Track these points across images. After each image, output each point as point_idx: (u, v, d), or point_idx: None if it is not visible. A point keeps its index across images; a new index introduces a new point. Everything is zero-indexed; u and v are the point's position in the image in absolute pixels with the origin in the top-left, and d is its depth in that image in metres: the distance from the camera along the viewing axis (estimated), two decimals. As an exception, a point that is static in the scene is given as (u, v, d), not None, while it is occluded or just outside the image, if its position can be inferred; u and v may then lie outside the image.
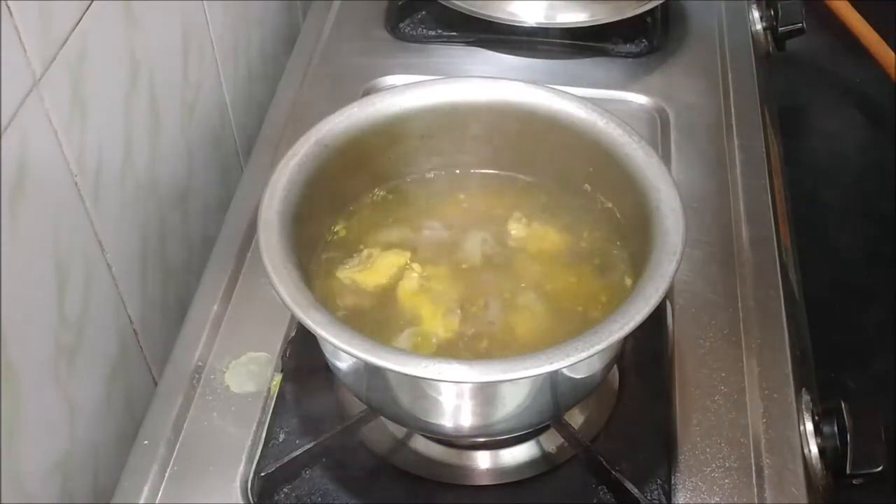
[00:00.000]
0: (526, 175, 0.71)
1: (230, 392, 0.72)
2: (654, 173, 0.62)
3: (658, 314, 0.76)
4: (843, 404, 0.69)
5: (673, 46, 1.01)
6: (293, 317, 0.76)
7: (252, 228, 0.83)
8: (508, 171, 0.71)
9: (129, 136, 0.76)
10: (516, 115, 0.67)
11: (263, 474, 0.66)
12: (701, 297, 0.77)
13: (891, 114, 1.16)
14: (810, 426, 0.69)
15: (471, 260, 0.66)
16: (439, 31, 1.02)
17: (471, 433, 0.65)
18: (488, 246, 0.67)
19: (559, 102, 0.66)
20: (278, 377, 0.73)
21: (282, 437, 0.69)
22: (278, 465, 0.66)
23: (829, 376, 0.95)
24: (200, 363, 0.74)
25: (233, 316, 0.77)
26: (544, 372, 0.52)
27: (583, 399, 0.66)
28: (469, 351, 0.62)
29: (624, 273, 0.65)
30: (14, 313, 0.62)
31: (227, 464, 0.68)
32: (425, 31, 1.03)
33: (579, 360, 0.52)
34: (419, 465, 0.68)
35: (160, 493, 0.67)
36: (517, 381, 0.56)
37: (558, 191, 0.70)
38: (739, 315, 0.76)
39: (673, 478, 0.67)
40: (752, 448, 0.68)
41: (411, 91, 0.68)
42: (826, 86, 1.25)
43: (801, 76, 1.23)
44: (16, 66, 0.60)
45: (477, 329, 0.63)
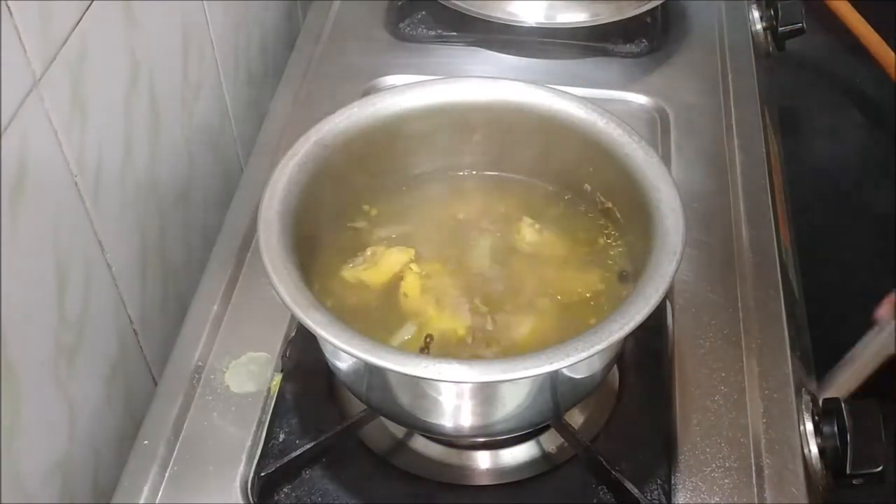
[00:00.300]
0: (526, 175, 0.71)
1: (230, 392, 0.72)
2: (654, 173, 0.62)
3: (658, 314, 0.76)
4: (843, 404, 0.69)
5: (673, 46, 1.01)
6: (293, 317, 0.76)
7: (252, 228, 0.83)
8: (508, 171, 0.71)
9: (129, 136, 0.76)
10: (516, 115, 0.67)
11: (263, 474, 0.66)
12: (701, 297, 0.77)
13: (891, 114, 1.16)
14: (810, 426, 0.69)
15: (471, 259, 0.66)
16: (439, 31, 1.02)
17: (471, 433, 0.65)
18: (488, 246, 0.67)
19: (559, 102, 0.66)
20: (278, 377, 0.73)
21: (282, 437, 0.69)
22: (278, 465, 0.66)
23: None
24: (200, 363, 0.74)
25: (233, 316, 0.77)
26: (544, 372, 0.52)
27: (583, 399, 0.66)
28: (472, 349, 0.62)
29: (623, 273, 0.65)
30: (14, 313, 0.62)
31: (227, 464, 0.68)
32: (425, 31, 1.03)
33: (579, 360, 0.52)
34: (419, 465, 0.68)
35: (160, 493, 0.67)
36: (517, 381, 0.56)
37: (558, 190, 0.70)
38: (739, 315, 0.76)
39: (673, 478, 0.67)
40: (752, 448, 0.68)
41: (411, 91, 0.68)
42: (826, 86, 1.25)
43: (801, 76, 1.23)
44: (16, 66, 0.60)
45: (480, 328, 0.63)
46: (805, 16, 1.06)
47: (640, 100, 0.95)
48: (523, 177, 0.71)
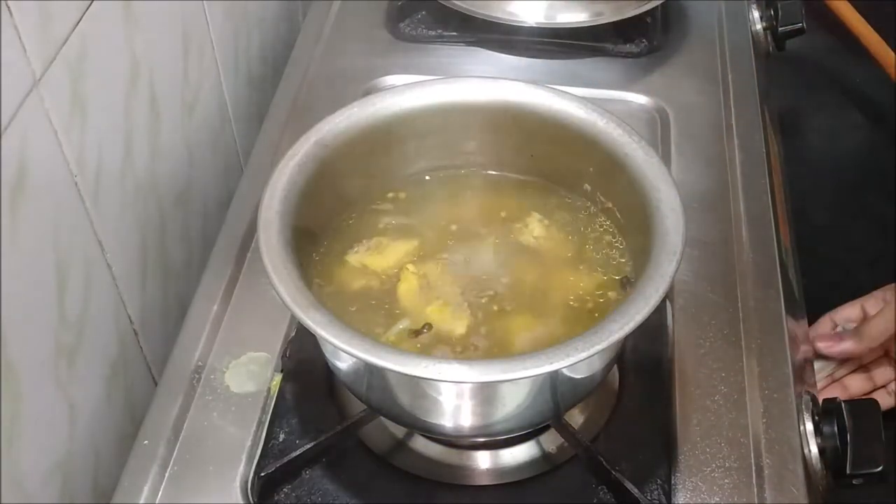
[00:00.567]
0: (526, 175, 0.71)
1: (230, 392, 0.72)
2: (654, 173, 0.62)
3: (658, 314, 0.76)
4: (843, 404, 0.69)
5: (673, 46, 1.01)
6: (293, 317, 0.76)
7: (252, 228, 0.83)
8: (508, 171, 0.71)
9: (129, 135, 0.76)
10: (516, 115, 0.67)
11: (263, 474, 0.66)
12: (701, 297, 0.77)
13: (891, 114, 1.16)
14: (810, 426, 0.69)
15: (472, 257, 0.66)
16: (439, 31, 1.02)
17: (471, 433, 0.65)
18: (489, 244, 0.67)
19: (559, 102, 0.66)
20: (278, 377, 0.73)
21: (282, 437, 0.69)
22: (278, 465, 0.66)
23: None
24: (200, 363, 0.74)
25: (233, 316, 0.77)
26: (544, 372, 0.52)
27: (583, 399, 0.66)
28: (471, 345, 0.62)
29: (623, 273, 0.65)
30: (14, 313, 0.62)
31: (227, 464, 0.68)
32: (425, 31, 1.03)
33: (579, 360, 0.52)
34: (419, 465, 0.68)
35: (160, 493, 0.67)
36: (517, 381, 0.56)
37: (558, 191, 0.70)
38: (739, 315, 0.76)
39: (673, 478, 0.66)
40: (752, 448, 0.68)
41: (411, 91, 0.68)
42: (826, 86, 1.25)
43: (801, 76, 1.22)
44: (16, 66, 0.60)
45: (480, 326, 0.63)
46: (805, 16, 1.06)
47: (640, 100, 0.95)
48: (523, 176, 0.71)
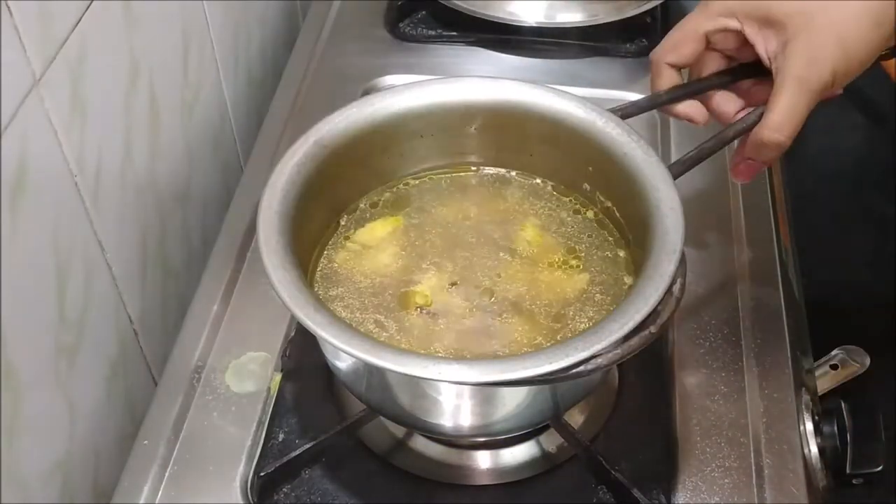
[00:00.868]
0: (525, 174, 0.71)
1: (230, 392, 0.72)
2: (654, 173, 0.62)
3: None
4: (842, 404, 0.69)
5: (673, 46, 1.01)
6: (293, 317, 0.76)
7: (252, 228, 0.83)
8: (508, 171, 0.71)
9: (129, 135, 0.76)
10: (516, 115, 0.67)
11: (263, 474, 0.66)
12: (701, 297, 0.77)
13: (891, 114, 1.16)
14: (810, 426, 0.69)
15: (470, 259, 0.66)
16: (439, 30, 1.02)
17: (470, 433, 0.65)
18: (488, 245, 0.67)
19: (559, 102, 0.66)
20: (278, 377, 0.73)
21: (282, 437, 0.69)
22: (278, 465, 0.66)
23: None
24: (200, 363, 0.74)
25: (233, 316, 0.77)
26: (544, 372, 0.52)
27: (583, 399, 0.66)
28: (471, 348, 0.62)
29: (623, 272, 0.65)
30: (14, 313, 0.62)
31: (227, 464, 0.68)
32: (425, 30, 1.03)
33: (579, 360, 0.52)
34: (419, 465, 0.68)
35: (160, 493, 0.67)
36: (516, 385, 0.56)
37: (558, 190, 0.70)
38: (739, 315, 0.76)
39: (673, 478, 0.67)
40: (752, 448, 0.68)
41: (410, 91, 0.68)
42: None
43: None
44: (16, 66, 0.60)
45: (478, 328, 0.63)
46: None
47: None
48: (523, 176, 0.71)
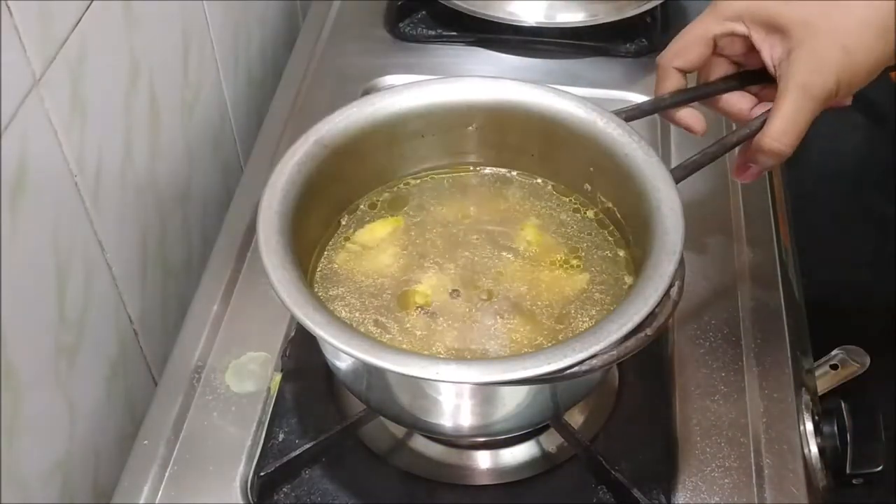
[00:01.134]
0: (526, 175, 0.71)
1: (230, 392, 0.72)
2: (654, 173, 0.62)
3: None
4: (842, 404, 0.69)
5: (673, 46, 1.01)
6: (293, 317, 0.76)
7: (252, 228, 0.83)
8: (508, 171, 0.71)
9: (129, 135, 0.76)
10: (516, 115, 0.67)
11: (263, 474, 0.66)
12: (701, 297, 0.77)
13: (891, 114, 1.16)
14: (810, 426, 0.69)
15: (471, 258, 0.66)
16: (439, 30, 1.02)
17: (470, 433, 0.65)
18: (489, 245, 0.67)
19: (559, 102, 0.66)
20: (278, 377, 0.73)
21: (282, 437, 0.69)
22: (278, 465, 0.66)
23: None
24: (200, 363, 0.74)
25: (233, 316, 0.77)
26: (542, 373, 0.52)
27: (582, 399, 0.66)
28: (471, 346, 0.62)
29: (624, 272, 0.65)
30: (14, 313, 0.62)
31: (227, 464, 0.68)
32: (425, 30, 1.03)
33: (576, 361, 0.52)
34: (419, 465, 0.68)
35: (160, 493, 0.67)
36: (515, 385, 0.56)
37: (558, 190, 0.70)
38: (739, 315, 0.76)
39: (673, 478, 0.67)
40: (752, 448, 0.68)
41: (410, 91, 0.68)
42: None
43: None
44: (16, 66, 0.60)
45: (476, 329, 0.63)
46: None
47: (639, 100, 0.95)
48: (524, 176, 0.71)
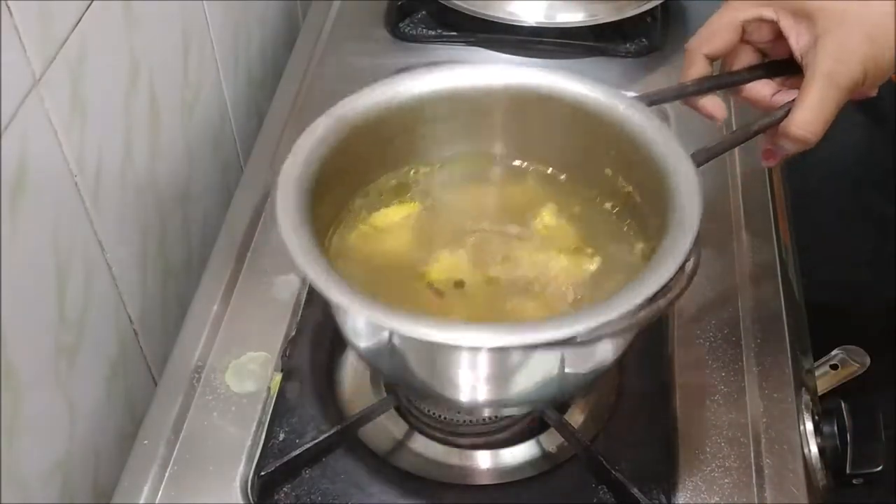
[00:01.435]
0: (547, 158, 0.70)
1: (230, 392, 0.72)
2: (675, 156, 0.61)
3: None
4: (842, 404, 0.69)
5: (673, 46, 1.01)
6: (293, 316, 0.77)
7: (252, 229, 0.83)
8: (530, 155, 0.70)
9: (129, 135, 0.76)
10: (538, 101, 0.66)
11: (263, 474, 0.66)
12: (701, 297, 0.77)
13: (891, 114, 1.16)
14: (810, 426, 0.69)
15: (489, 240, 0.65)
16: (439, 30, 1.02)
17: (486, 404, 0.64)
18: (503, 229, 0.66)
19: (581, 87, 0.65)
20: (278, 377, 0.73)
21: (282, 436, 0.69)
22: (278, 465, 0.66)
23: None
24: (200, 363, 0.74)
25: (233, 316, 0.77)
26: (558, 338, 0.51)
27: (593, 380, 0.64)
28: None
29: (639, 264, 0.64)
30: (14, 313, 0.62)
31: (227, 464, 0.68)
32: (425, 30, 1.03)
33: (593, 326, 0.52)
34: (419, 465, 0.68)
35: (160, 493, 0.67)
36: (527, 351, 0.55)
37: (577, 180, 0.69)
38: (739, 315, 0.76)
39: (673, 478, 0.67)
40: (752, 448, 0.68)
41: (433, 75, 0.67)
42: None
43: (801, 76, 1.22)
44: (16, 66, 0.60)
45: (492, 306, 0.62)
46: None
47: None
48: (542, 162, 0.70)
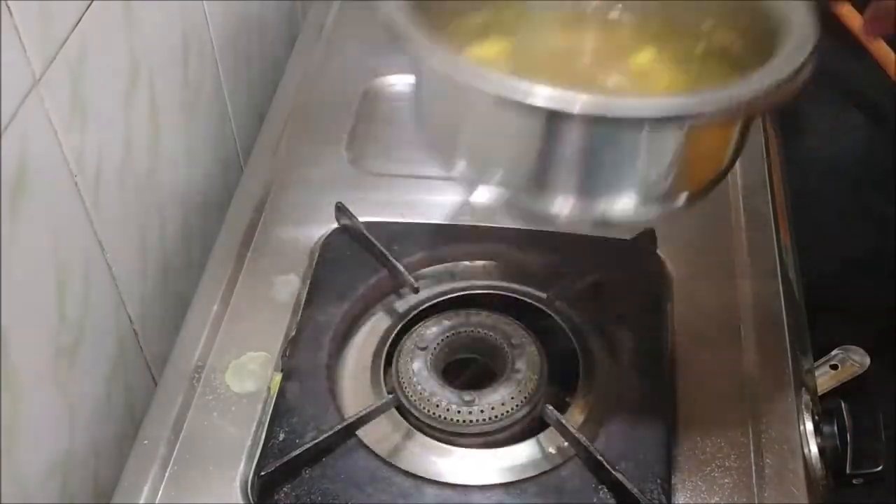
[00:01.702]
0: (648, 9, 0.67)
1: (230, 392, 0.72)
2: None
3: (658, 304, 0.76)
4: (843, 404, 0.69)
5: None
6: (293, 316, 0.77)
7: (252, 229, 0.83)
8: (626, 3, 0.67)
9: (129, 136, 0.76)
10: None
11: (263, 474, 0.66)
12: (701, 297, 0.77)
13: (891, 114, 1.16)
14: (810, 426, 0.69)
15: (580, 79, 0.63)
16: (439, 30, 1.02)
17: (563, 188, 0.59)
18: (600, 66, 0.65)
19: None
20: (278, 377, 0.73)
21: (282, 436, 0.69)
22: (278, 465, 0.66)
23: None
24: (200, 363, 0.74)
25: (233, 316, 0.77)
26: (685, 114, 0.51)
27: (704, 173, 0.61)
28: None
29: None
30: (14, 313, 0.62)
31: (227, 464, 0.68)
32: (425, 30, 1.02)
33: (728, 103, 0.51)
34: (419, 465, 0.68)
35: (160, 493, 0.67)
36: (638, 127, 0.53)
37: (675, 21, 0.66)
38: (739, 315, 0.76)
39: (673, 478, 0.67)
40: (752, 448, 0.68)
41: None
42: (826, 86, 1.25)
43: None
44: (16, 66, 0.60)
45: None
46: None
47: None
48: (640, 5, 0.67)
